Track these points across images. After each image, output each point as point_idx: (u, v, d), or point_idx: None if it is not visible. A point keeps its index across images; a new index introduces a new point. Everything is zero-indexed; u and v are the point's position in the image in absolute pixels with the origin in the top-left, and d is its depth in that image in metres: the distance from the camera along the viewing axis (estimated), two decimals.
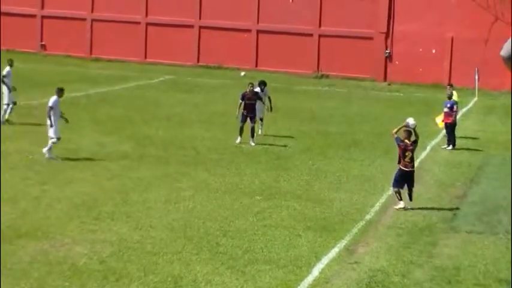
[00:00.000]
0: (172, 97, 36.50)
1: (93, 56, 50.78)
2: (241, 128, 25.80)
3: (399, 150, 19.03)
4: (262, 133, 27.40)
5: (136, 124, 28.79)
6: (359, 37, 46.43)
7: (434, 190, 20.95)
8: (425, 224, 17.68)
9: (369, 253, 15.53)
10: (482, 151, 26.71)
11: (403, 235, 16.85)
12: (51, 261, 14.31)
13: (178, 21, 49.36)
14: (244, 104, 25.95)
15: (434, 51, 45.47)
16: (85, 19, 51.17)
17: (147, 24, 50.18)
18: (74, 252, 14.81)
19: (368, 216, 18.20)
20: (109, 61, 49.34)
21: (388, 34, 46.16)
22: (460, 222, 18.07)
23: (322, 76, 46.84)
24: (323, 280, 14.00)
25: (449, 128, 26.95)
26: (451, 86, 28.14)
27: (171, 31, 49.47)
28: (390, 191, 19.76)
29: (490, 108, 37.66)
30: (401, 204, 18.83)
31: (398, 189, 18.90)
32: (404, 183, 18.94)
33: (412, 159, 19.05)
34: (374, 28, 46.26)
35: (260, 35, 48.42)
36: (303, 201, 19.15)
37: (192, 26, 49.30)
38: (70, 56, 50.23)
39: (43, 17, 52.07)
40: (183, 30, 49.29)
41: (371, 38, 46.42)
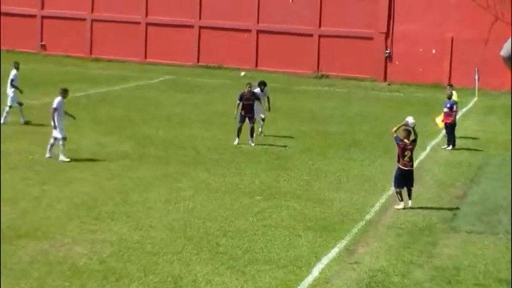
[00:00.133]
0: (172, 97, 36.50)
1: (93, 56, 50.74)
2: (239, 129, 25.71)
3: (398, 149, 19.06)
4: (262, 134, 27.30)
5: (136, 124, 28.79)
6: (359, 37, 46.40)
7: (434, 190, 20.95)
8: (425, 224, 17.68)
9: (369, 253, 15.54)
10: (482, 151, 26.70)
11: (403, 235, 16.85)
12: (51, 261, 14.31)
13: (178, 21, 49.33)
14: (242, 105, 25.91)
15: (434, 51, 45.44)
16: (85, 19, 51.13)
17: (147, 24, 50.14)
18: (74, 252, 14.81)
19: (368, 216, 18.20)
20: (109, 61, 49.31)
21: (388, 34, 46.14)
22: (460, 222, 18.07)
23: (322, 76, 46.82)
24: (323, 280, 14.00)
25: (449, 128, 26.95)
26: (451, 86, 28.13)
27: (171, 31, 49.45)
28: (390, 191, 19.78)
29: (490, 108, 37.64)
30: (401, 204, 18.86)
31: (399, 189, 18.93)
32: (404, 182, 18.98)
33: (411, 158, 19.08)
34: (374, 28, 46.24)
35: (260, 35, 48.39)
36: (303, 201, 19.15)
37: (192, 26, 49.28)
38: (70, 56, 50.18)
39: (43, 17, 52.02)
40: (183, 30, 49.27)
41: (371, 38, 46.39)
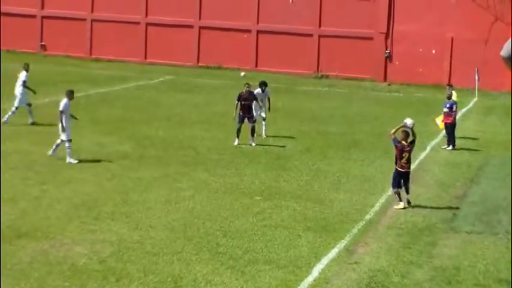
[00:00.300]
0: (172, 97, 36.49)
1: (93, 56, 50.73)
2: (238, 130, 25.69)
3: (396, 151, 19.10)
4: (264, 134, 27.19)
5: (136, 124, 28.78)
6: (359, 37, 46.39)
7: (434, 190, 20.95)
8: (425, 224, 17.69)
9: (369, 253, 15.54)
10: (482, 151, 26.69)
11: (403, 235, 16.85)
12: (51, 261, 14.32)
13: (178, 21, 49.32)
14: (240, 105, 25.89)
15: (434, 51, 45.42)
16: (85, 19, 51.11)
17: (147, 24, 50.12)
18: (74, 252, 14.82)
19: (368, 216, 18.21)
20: (109, 61, 49.30)
21: (388, 34, 46.13)
22: (460, 222, 18.08)
23: (322, 76, 46.82)
24: (323, 280, 14.00)
25: (449, 128, 26.95)
26: (451, 86, 28.12)
27: (171, 31, 49.44)
28: (390, 192, 19.78)
29: (490, 108, 37.63)
30: (401, 204, 18.89)
31: (398, 189, 18.99)
32: (402, 183, 19.04)
33: (409, 160, 19.12)
34: (374, 28, 46.23)
35: (260, 35, 48.38)
36: (303, 201, 19.15)
37: (192, 26, 49.27)
38: (70, 56, 50.17)
39: (43, 17, 52.00)
40: (183, 30, 49.26)
41: (371, 38, 46.38)
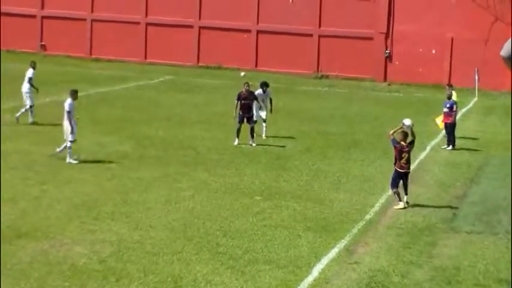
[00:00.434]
0: (172, 97, 36.49)
1: (93, 56, 50.73)
2: (238, 130, 25.66)
3: (395, 151, 19.11)
4: (264, 136, 27.13)
5: (136, 124, 28.78)
6: (359, 37, 46.38)
7: (434, 190, 20.95)
8: (425, 224, 17.69)
9: (369, 253, 15.54)
10: (482, 151, 26.69)
11: (403, 235, 16.85)
12: (51, 261, 14.31)
13: (178, 21, 49.32)
14: (240, 104, 25.84)
15: (434, 51, 45.42)
16: (85, 19, 51.10)
17: (147, 24, 50.12)
18: (74, 252, 14.82)
19: (368, 216, 18.21)
20: (109, 61, 49.29)
21: (388, 34, 46.12)
22: (460, 222, 18.07)
23: (322, 76, 46.82)
24: (323, 280, 14.00)
25: (448, 128, 26.95)
26: (451, 86, 28.11)
27: (171, 31, 49.43)
28: (390, 192, 19.77)
29: (490, 108, 37.63)
30: (400, 204, 18.89)
31: (397, 189, 18.98)
32: (400, 183, 19.05)
33: (408, 160, 19.11)
34: (374, 28, 46.23)
35: (260, 35, 48.38)
36: (303, 201, 19.15)
37: (192, 26, 49.27)
38: (70, 56, 50.16)
39: (43, 17, 51.98)
40: (183, 30, 49.26)
41: (371, 38, 46.37)
